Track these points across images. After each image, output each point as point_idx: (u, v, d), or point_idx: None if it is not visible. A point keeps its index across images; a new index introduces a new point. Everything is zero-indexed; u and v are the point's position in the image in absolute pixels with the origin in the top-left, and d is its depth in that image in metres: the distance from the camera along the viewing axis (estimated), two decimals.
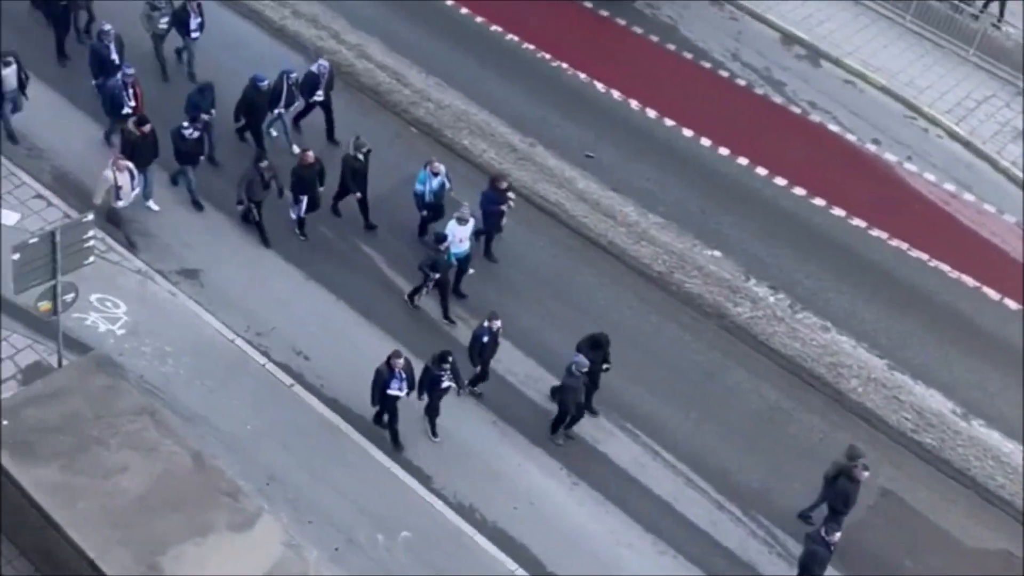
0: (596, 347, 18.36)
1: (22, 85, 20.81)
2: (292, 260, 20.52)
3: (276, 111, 21.58)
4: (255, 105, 21.26)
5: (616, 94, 24.59)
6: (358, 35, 24.53)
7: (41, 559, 15.42)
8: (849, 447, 17.91)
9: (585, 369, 17.93)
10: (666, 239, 21.94)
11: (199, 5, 22.37)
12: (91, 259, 17.09)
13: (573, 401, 18.22)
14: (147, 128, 19.86)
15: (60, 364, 17.41)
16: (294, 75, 21.41)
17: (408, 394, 17.81)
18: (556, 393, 18.66)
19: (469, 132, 23.11)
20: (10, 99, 20.74)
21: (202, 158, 20.68)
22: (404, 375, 17.60)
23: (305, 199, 20.31)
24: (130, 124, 19.98)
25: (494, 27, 25.48)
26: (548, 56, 25.08)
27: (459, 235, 19.58)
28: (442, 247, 19.25)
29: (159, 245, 20.28)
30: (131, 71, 20.75)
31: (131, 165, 19.41)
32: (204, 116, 20.68)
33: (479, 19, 25.60)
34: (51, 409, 15.67)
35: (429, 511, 17.73)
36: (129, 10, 22.60)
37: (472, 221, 19.84)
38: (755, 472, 18.96)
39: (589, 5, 26.38)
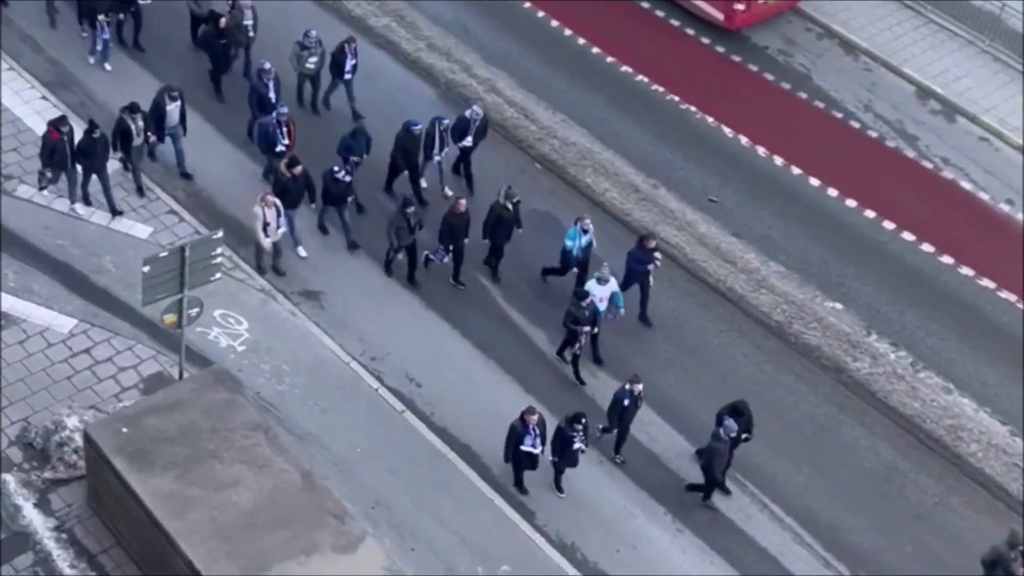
0: (737, 415, 18.02)
1: (184, 121, 21.29)
2: (411, 288, 20.73)
3: (431, 157, 21.63)
4: (408, 149, 21.29)
5: (744, 139, 24.40)
6: (489, 70, 24.79)
7: (149, 566, 15.76)
8: (1010, 533, 17.27)
9: (734, 434, 17.62)
10: (787, 288, 21.64)
11: (356, 47, 22.66)
12: (218, 275, 17.53)
13: (720, 467, 17.93)
14: (298, 170, 20.09)
15: (181, 376, 17.84)
16: (446, 121, 21.50)
17: (542, 451, 17.73)
18: (700, 456, 18.43)
19: (593, 170, 23.14)
20: (170, 133, 21.17)
21: (350, 199, 20.85)
22: (537, 431, 17.52)
23: (451, 248, 20.30)
24: (282, 166, 20.26)
25: (624, 68, 25.51)
26: (677, 98, 25.01)
27: (599, 295, 19.43)
28: (584, 304, 19.11)
29: (283, 265, 20.67)
30: (285, 110, 21.05)
31: (278, 203, 19.69)
32: (355, 159, 20.92)
33: (610, 59, 25.67)
34: (169, 420, 16.06)
35: (530, 547, 17.69)
36: (276, 47, 23.17)
37: (612, 280, 19.65)
38: (866, 532, 18.51)
39: (722, 50, 26.26)
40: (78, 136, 20.17)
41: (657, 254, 20.35)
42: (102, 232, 20.40)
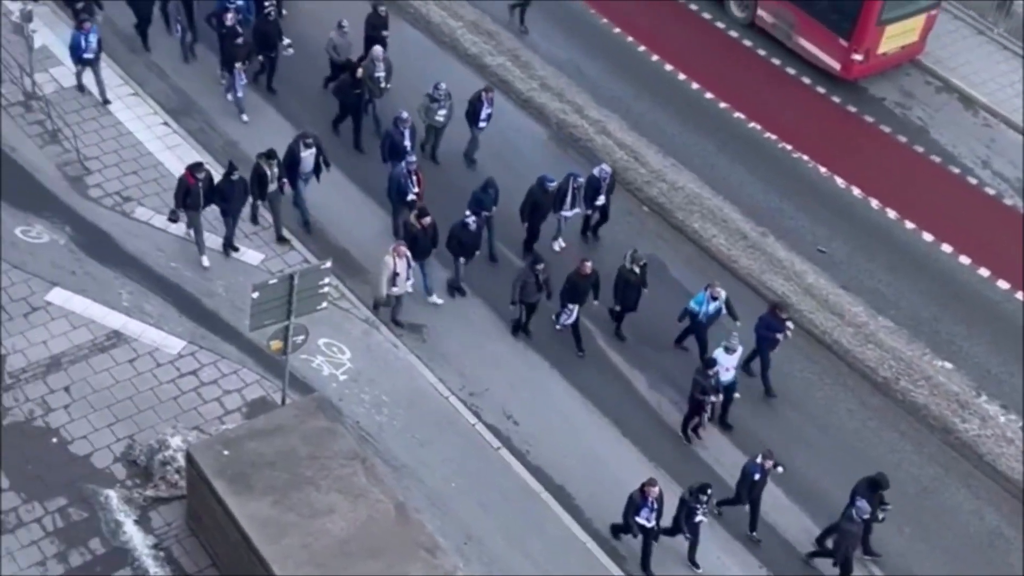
0: (875, 488, 17.59)
1: (318, 169, 21.31)
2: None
3: (560, 214, 21.53)
4: (540, 204, 21.21)
5: (856, 191, 24.06)
6: (600, 111, 24.83)
7: None
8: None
9: (866, 516, 17.24)
10: (895, 344, 21.20)
11: (492, 96, 22.85)
12: (324, 304, 17.77)
13: (852, 548, 17.47)
14: (427, 221, 20.08)
15: (283, 402, 18.08)
16: (581, 179, 21.37)
17: (658, 525, 17.46)
18: (827, 534, 18.04)
19: (700, 216, 23.00)
20: (303, 179, 21.31)
21: (477, 252, 20.78)
22: (656, 505, 17.31)
23: (575, 308, 20.07)
24: (412, 217, 20.27)
25: (737, 114, 25.36)
26: (789, 147, 24.77)
27: (727, 364, 19.08)
28: (711, 372, 18.79)
29: (402, 316, 20.84)
30: (414, 159, 21.08)
31: (409, 253, 19.70)
32: (485, 213, 20.85)
33: (723, 104, 25.54)
34: (270, 444, 16.27)
35: None
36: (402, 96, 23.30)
37: (740, 350, 19.28)
38: None
39: (837, 100, 25.98)
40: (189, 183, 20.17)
41: (789, 323, 19.87)
42: (214, 257, 20.82)
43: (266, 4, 23.56)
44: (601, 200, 21.62)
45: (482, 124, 22.75)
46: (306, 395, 18.51)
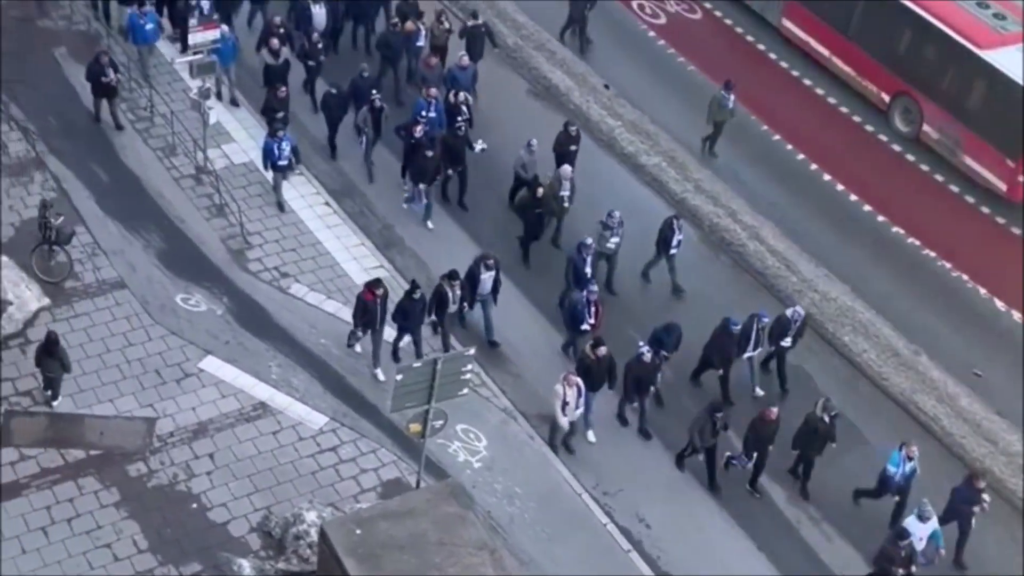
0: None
1: (496, 290, 21.03)
2: (650, 423, 20.54)
3: (745, 355, 21.01)
4: (725, 347, 20.62)
5: (1016, 315, 23.27)
6: (754, 217, 24.65)
7: None
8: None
9: None
10: None
11: (682, 224, 22.51)
12: (465, 391, 17.89)
13: None
14: (602, 352, 19.59)
15: (418, 485, 18.18)
16: (766, 319, 20.94)
17: None
18: None
19: (852, 329, 22.51)
20: (480, 300, 21.04)
21: (653, 388, 20.23)
22: None
23: (755, 455, 19.44)
24: (587, 347, 19.91)
25: (895, 228, 24.89)
26: (949, 265, 24.17)
27: (919, 533, 18.17)
28: (902, 544, 17.76)
29: (526, 389, 20.91)
30: (595, 288, 20.73)
31: (580, 382, 19.39)
32: (664, 354, 20.27)
33: (881, 218, 25.11)
34: (402, 527, 16.29)
35: None
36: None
37: (935, 519, 18.31)
38: None
39: (1002, 221, 25.29)
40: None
41: (986, 496, 18.88)
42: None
43: (458, 119, 23.62)
44: (787, 342, 20.92)
45: (673, 251, 22.26)
46: (440, 480, 18.57)
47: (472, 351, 17.65)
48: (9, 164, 22.25)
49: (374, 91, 23.79)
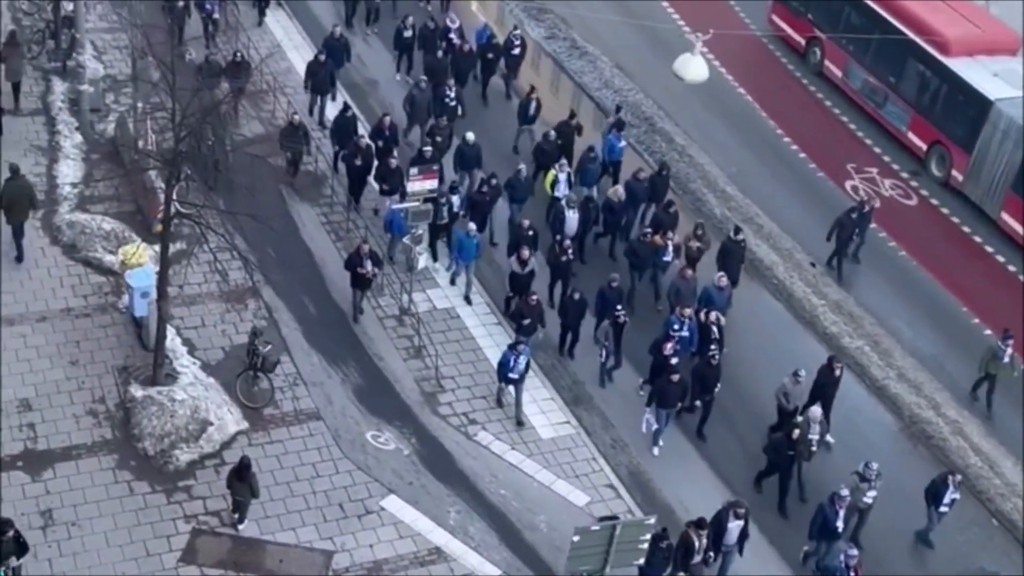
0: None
1: (742, 539, 19.40)
2: None
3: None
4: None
5: None
6: (959, 412, 23.70)
7: None
8: None
9: None
10: None
11: (959, 480, 20.77)
12: (640, 560, 17.55)
13: None
14: None
15: None
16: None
17: None
18: None
19: None
20: (725, 550, 19.41)
21: None
22: None
23: None
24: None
25: None
26: None
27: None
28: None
29: None
30: (855, 554, 18.93)
31: None
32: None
33: None
34: None
35: None
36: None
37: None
38: None
39: None
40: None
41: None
42: (543, 492, 21.11)
43: (711, 348, 22.39)
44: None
45: (944, 509, 20.66)
46: None
47: (653, 519, 17.35)
48: (227, 291, 23.38)
49: (619, 307, 22.75)
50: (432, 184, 24.95)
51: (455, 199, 25.22)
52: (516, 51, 30.39)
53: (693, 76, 23.89)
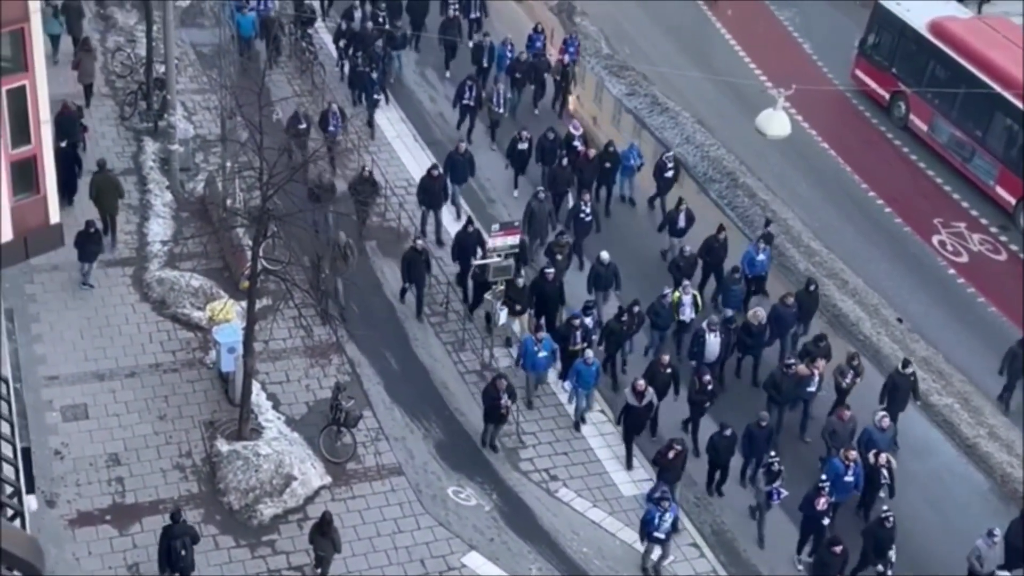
0: None
1: None
2: None
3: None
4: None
5: None
6: None
7: None
8: None
9: None
10: None
11: None
12: None
13: None
14: None
15: None
16: None
17: None
18: None
19: None
20: None
21: None
22: None
23: None
24: None
25: None
26: None
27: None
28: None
29: None
30: None
31: None
32: None
33: None
34: None
35: None
36: None
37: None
38: None
39: None
40: None
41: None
42: (625, 549, 20.93)
43: (883, 513, 20.11)
44: None
45: None
46: None
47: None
48: (311, 346, 23.65)
49: (772, 453, 20.94)
50: (514, 240, 24.95)
51: (588, 321, 23.41)
52: (669, 174, 28.28)
53: (776, 131, 23.70)
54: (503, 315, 24.52)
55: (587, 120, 31.83)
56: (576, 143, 28.58)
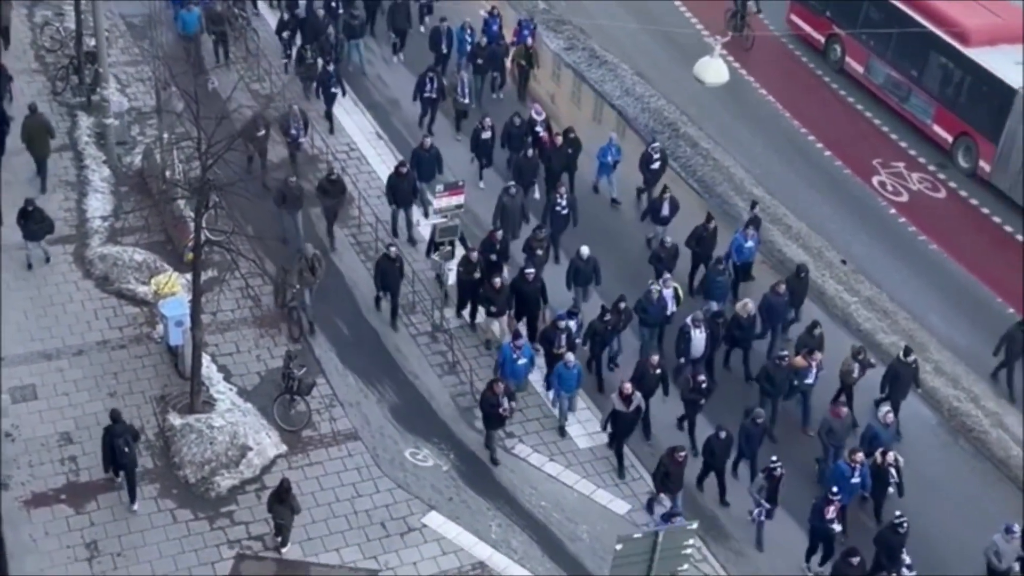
0: None
1: None
2: None
3: None
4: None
5: None
6: (998, 403, 23.54)
7: None
8: None
9: None
10: None
11: None
12: (685, 566, 17.49)
13: None
14: None
15: None
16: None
17: None
18: None
19: None
20: None
21: None
22: None
23: None
24: None
25: None
26: None
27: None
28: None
29: (750, 566, 20.27)
30: None
31: None
32: None
33: None
34: None
35: None
36: None
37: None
38: None
39: None
40: None
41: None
42: (583, 501, 21.11)
43: (888, 491, 20.23)
44: None
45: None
46: None
47: (695, 525, 17.30)
48: (260, 316, 23.50)
49: (773, 457, 20.04)
50: (459, 200, 24.75)
51: (572, 325, 22.54)
52: (655, 166, 27.19)
53: (713, 79, 23.75)
54: (451, 276, 24.48)
55: (546, 100, 31.19)
56: (538, 128, 27.59)
